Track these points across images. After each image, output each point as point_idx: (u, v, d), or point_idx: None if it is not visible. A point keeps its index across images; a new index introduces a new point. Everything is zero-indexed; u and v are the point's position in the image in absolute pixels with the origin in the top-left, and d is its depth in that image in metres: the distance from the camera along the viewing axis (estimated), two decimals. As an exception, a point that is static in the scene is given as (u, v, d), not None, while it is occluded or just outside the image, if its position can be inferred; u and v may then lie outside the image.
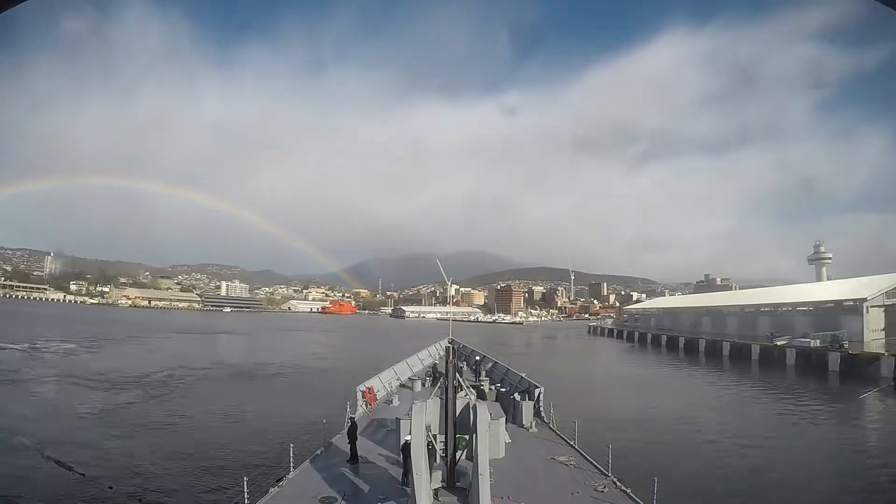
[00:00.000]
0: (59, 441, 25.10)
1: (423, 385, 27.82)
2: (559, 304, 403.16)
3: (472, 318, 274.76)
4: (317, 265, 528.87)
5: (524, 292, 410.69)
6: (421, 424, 12.46)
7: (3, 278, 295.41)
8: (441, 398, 13.94)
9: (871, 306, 58.84)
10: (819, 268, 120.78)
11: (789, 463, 23.79)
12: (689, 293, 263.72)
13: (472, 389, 19.75)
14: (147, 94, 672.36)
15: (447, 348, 17.77)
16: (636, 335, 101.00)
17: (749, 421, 32.49)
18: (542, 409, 21.70)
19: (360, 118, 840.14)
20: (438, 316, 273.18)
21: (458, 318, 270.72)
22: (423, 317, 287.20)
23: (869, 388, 41.56)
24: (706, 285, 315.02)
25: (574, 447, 17.27)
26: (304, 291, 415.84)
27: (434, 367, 31.53)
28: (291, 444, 14.86)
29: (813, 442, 28.05)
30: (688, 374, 55.87)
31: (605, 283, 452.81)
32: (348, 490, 13.67)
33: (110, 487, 19.93)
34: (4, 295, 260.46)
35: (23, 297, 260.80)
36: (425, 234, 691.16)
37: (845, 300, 61.92)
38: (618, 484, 14.16)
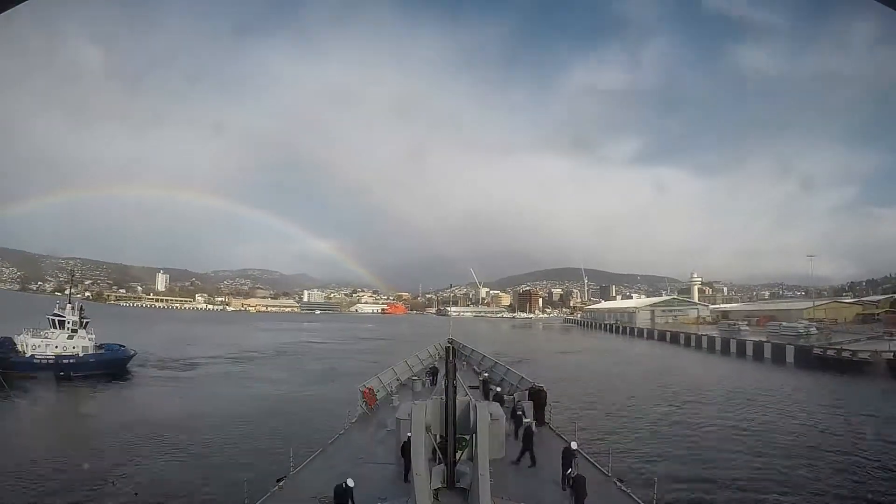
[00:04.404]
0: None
1: (423, 385, 29.51)
2: (573, 304, 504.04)
3: (498, 315, 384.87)
4: (347, 269, 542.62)
5: (544, 294, 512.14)
6: (421, 424, 13.28)
7: (150, 293, 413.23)
8: (441, 398, 14.54)
9: (641, 310, 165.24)
10: (692, 287, 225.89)
11: (596, 353, 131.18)
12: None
13: (472, 389, 22.76)
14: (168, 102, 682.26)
15: (447, 348, 17.98)
16: (581, 323, 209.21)
17: (597, 345, 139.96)
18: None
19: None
20: (474, 314, 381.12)
21: (489, 315, 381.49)
22: (462, 315, 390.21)
23: (634, 338, 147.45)
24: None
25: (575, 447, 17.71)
26: (355, 296, 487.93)
27: (434, 367, 32.95)
28: (291, 445, 16.34)
29: (617, 349, 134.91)
30: (582, 336, 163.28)
31: (613, 285, 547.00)
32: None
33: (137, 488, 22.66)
34: (168, 307, 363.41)
35: (179, 308, 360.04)
36: (455, 236, 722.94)
37: (628, 307, 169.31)
38: (618, 484, 15.05)
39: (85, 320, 54.86)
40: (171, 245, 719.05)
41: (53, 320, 53.14)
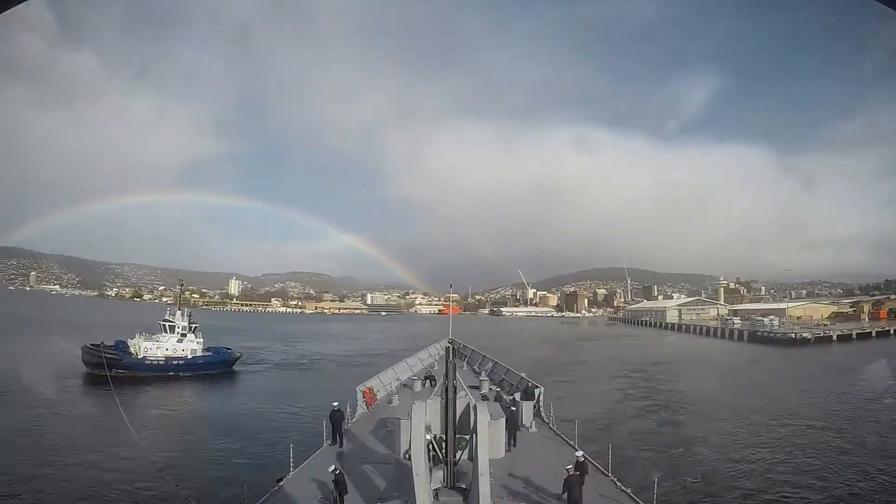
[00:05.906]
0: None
1: (424, 385, 30.14)
2: (616, 304, 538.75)
3: (547, 315, 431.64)
4: (388, 269, 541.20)
5: (589, 295, 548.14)
6: (421, 424, 13.50)
7: (233, 300, 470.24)
8: (441, 398, 14.90)
9: (670, 309, 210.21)
10: (718, 288, 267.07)
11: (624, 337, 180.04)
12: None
13: (471, 389, 23.06)
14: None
15: (447, 348, 18.26)
16: (623, 320, 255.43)
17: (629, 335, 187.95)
18: (541, 408, 23.83)
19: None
20: (525, 314, 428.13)
21: (538, 315, 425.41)
22: (515, 315, 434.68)
23: (662, 330, 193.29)
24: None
25: (574, 447, 18.56)
26: (408, 298, 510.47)
27: (434, 367, 34.09)
28: (291, 445, 16.59)
29: (653, 340, 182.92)
30: (624, 329, 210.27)
31: (656, 285, 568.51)
32: (348, 490, 14.48)
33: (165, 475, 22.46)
34: (253, 310, 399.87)
35: (263, 311, 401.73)
36: (497, 237, 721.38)
37: (660, 307, 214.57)
38: (618, 484, 15.42)
39: (194, 325, 60.19)
40: (218, 249, 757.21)
41: (165, 325, 58.53)
